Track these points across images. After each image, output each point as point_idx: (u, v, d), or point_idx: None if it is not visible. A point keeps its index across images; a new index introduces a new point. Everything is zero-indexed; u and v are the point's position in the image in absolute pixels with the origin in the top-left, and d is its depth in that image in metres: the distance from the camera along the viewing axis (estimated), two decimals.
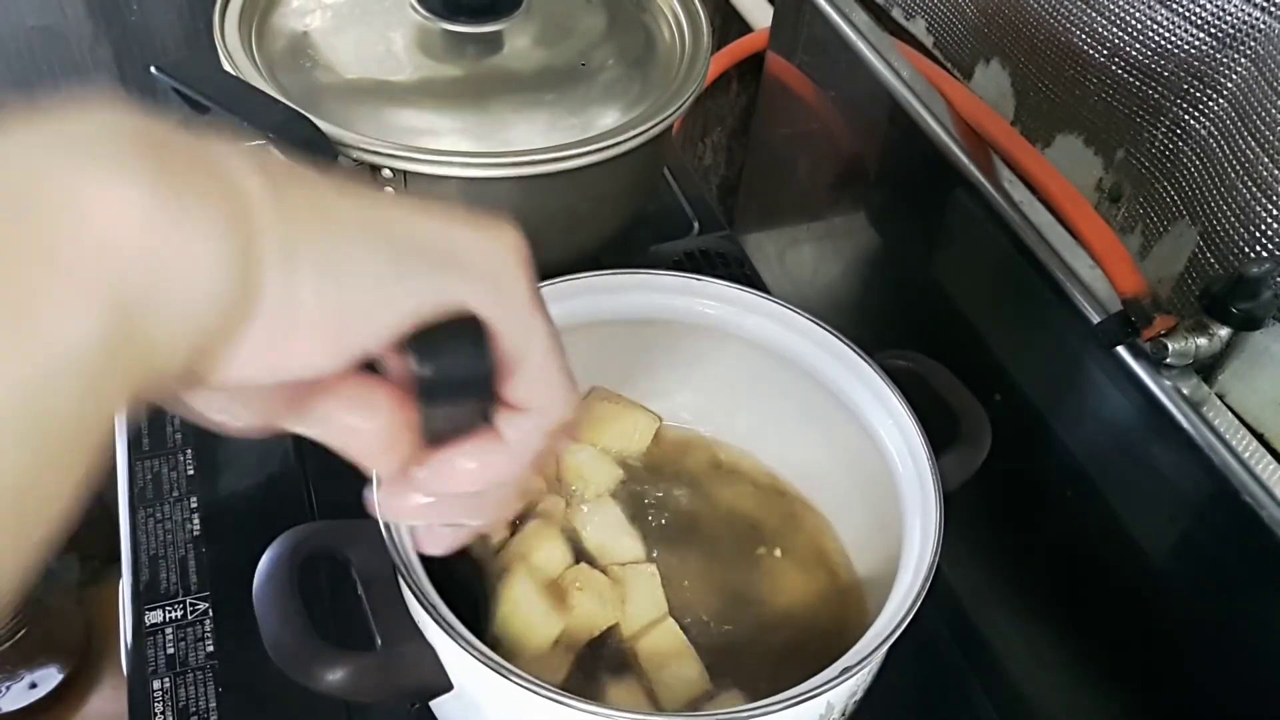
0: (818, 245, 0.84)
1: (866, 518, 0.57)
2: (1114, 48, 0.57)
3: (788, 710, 0.41)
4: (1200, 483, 0.50)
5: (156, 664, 0.57)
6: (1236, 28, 0.50)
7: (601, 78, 0.69)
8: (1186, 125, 0.54)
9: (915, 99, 0.66)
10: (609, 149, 0.62)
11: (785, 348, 0.58)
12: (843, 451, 0.57)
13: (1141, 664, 0.56)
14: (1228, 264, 0.51)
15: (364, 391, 0.31)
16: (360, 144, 0.59)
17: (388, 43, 0.68)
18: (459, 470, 0.32)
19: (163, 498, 0.64)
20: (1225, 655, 0.51)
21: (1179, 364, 0.50)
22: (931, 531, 0.48)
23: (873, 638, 0.45)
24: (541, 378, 0.31)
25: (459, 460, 0.32)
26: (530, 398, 0.32)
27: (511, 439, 0.32)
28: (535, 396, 0.32)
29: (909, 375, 0.56)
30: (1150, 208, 0.57)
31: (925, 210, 0.69)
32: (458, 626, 0.42)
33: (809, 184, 0.84)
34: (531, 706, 0.42)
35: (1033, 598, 0.64)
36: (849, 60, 0.72)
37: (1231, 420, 0.50)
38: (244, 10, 0.67)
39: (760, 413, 0.63)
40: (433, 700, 0.48)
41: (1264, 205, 0.48)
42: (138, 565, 0.61)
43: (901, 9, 0.76)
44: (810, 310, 0.57)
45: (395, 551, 0.44)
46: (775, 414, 0.62)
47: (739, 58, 0.93)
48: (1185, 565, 0.52)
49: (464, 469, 0.32)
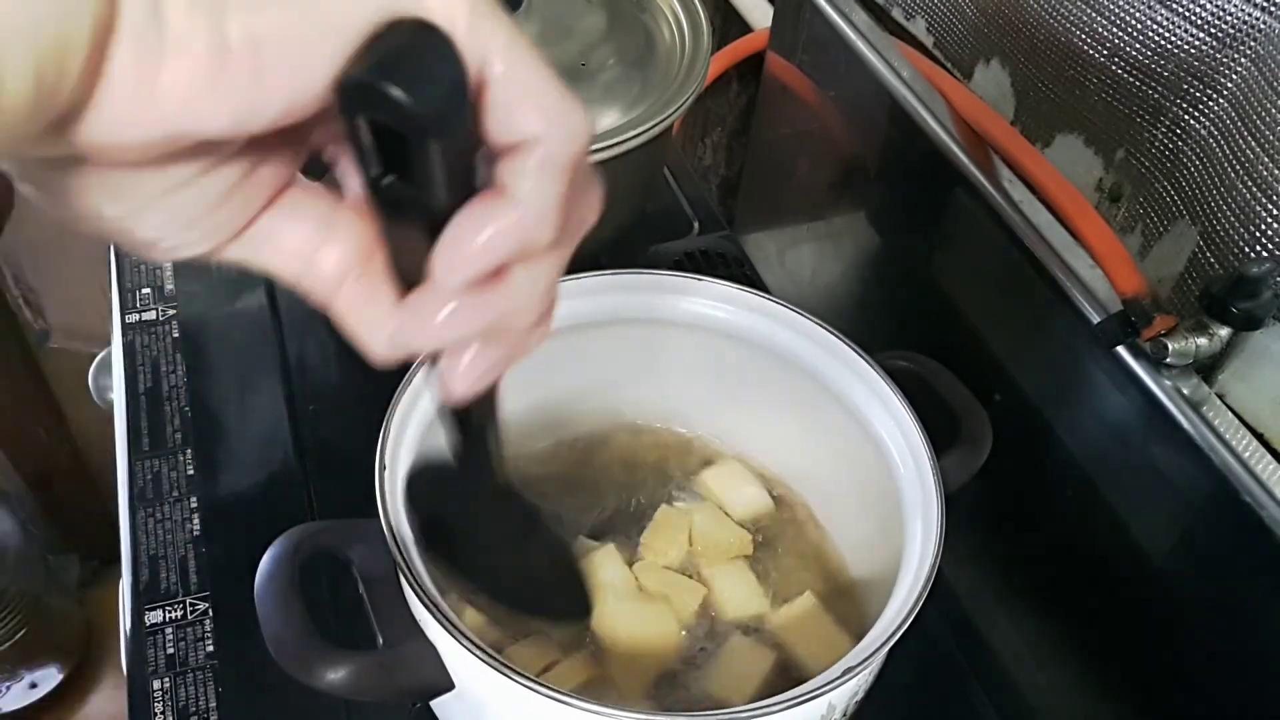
0: (818, 245, 0.84)
1: (867, 518, 0.57)
2: (1114, 48, 0.57)
3: (789, 710, 0.42)
4: (1200, 483, 0.50)
5: (156, 664, 0.57)
6: (1236, 28, 0.50)
7: (601, 78, 0.69)
8: (1186, 125, 0.54)
9: (915, 99, 0.66)
10: (609, 149, 0.62)
11: (785, 348, 0.58)
12: (843, 452, 0.57)
13: (1142, 664, 0.56)
14: (1228, 264, 0.51)
15: (314, 200, 0.27)
16: None
17: None
18: (469, 247, 0.25)
19: (163, 498, 0.64)
20: (1225, 655, 0.51)
21: (1179, 364, 0.50)
22: (932, 532, 0.48)
23: (874, 638, 0.45)
24: (530, 91, 0.24)
25: (464, 231, 0.25)
26: (523, 121, 0.24)
27: (520, 189, 0.25)
28: (528, 118, 0.24)
29: (909, 375, 0.56)
30: (1150, 208, 0.57)
31: (925, 210, 0.69)
32: (460, 625, 0.42)
33: (809, 184, 0.84)
34: (533, 706, 0.42)
35: (1033, 598, 0.64)
36: (849, 60, 0.72)
37: (1231, 420, 0.50)
38: None
39: (760, 413, 0.63)
40: (434, 700, 0.48)
41: (1264, 205, 0.48)
42: (138, 565, 0.61)
43: (901, 9, 0.76)
44: (810, 310, 0.57)
45: (396, 550, 0.44)
46: (775, 414, 0.62)
47: (739, 58, 0.93)
48: (1185, 565, 0.52)
49: (474, 243, 0.25)
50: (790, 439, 0.62)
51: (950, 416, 0.55)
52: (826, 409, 0.57)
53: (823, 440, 0.59)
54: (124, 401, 0.70)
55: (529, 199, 0.25)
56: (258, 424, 0.69)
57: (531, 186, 0.25)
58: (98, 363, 0.84)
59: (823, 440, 0.59)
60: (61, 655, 1.40)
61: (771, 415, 0.62)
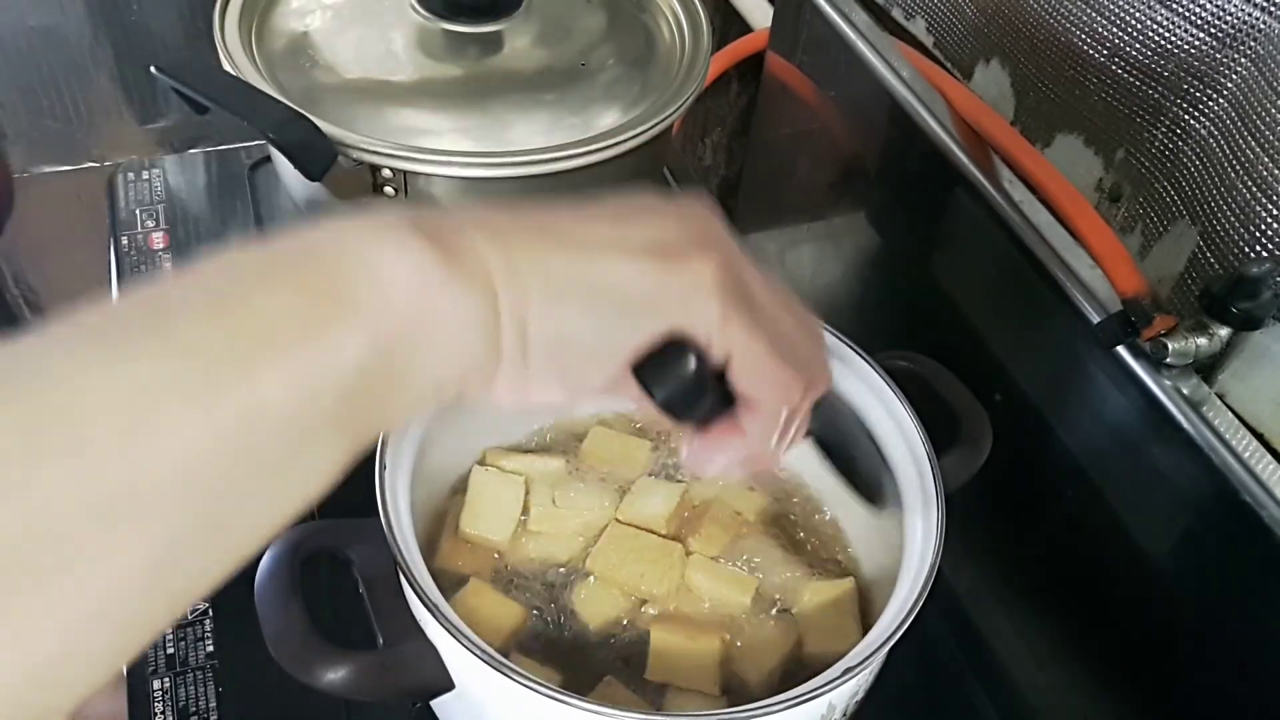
0: (818, 245, 0.84)
1: (867, 518, 0.57)
2: (1114, 48, 0.57)
3: (789, 710, 0.42)
4: (1200, 483, 0.50)
5: (156, 664, 0.57)
6: (1236, 28, 0.50)
7: (601, 78, 0.69)
8: (1186, 125, 0.54)
9: (915, 99, 0.66)
10: (609, 149, 0.62)
11: None
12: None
13: (1142, 664, 0.56)
14: (1228, 264, 0.51)
15: None
16: (360, 144, 0.59)
17: (388, 43, 0.68)
18: (712, 459, 0.39)
19: None
20: (1225, 655, 0.51)
21: (1179, 364, 0.50)
22: (933, 532, 0.48)
23: (874, 638, 0.45)
24: (751, 376, 0.35)
25: (708, 452, 0.39)
26: (748, 392, 0.36)
27: (748, 428, 0.37)
28: (751, 390, 0.36)
29: (909, 375, 0.56)
30: (1150, 208, 0.57)
31: (925, 210, 0.69)
32: (460, 625, 0.42)
33: (809, 184, 0.84)
34: (533, 705, 0.42)
35: (1033, 598, 0.64)
36: (849, 60, 0.72)
37: (1231, 420, 0.50)
38: (244, 10, 0.67)
39: None
40: (434, 699, 0.48)
41: (1264, 205, 0.48)
42: None
43: (901, 9, 0.76)
44: (810, 310, 0.57)
45: (397, 550, 0.44)
46: None
47: (739, 58, 0.93)
48: (1185, 565, 0.52)
49: (714, 459, 0.39)
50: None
51: (950, 416, 0.55)
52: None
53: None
54: None
55: (754, 436, 0.38)
56: None
57: (756, 431, 0.38)
58: None
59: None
60: None
61: None
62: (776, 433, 0.38)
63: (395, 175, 0.60)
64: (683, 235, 0.34)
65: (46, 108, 1.11)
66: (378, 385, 0.28)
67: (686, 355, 0.34)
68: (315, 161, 0.58)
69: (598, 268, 0.32)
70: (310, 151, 0.58)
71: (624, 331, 0.33)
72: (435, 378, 0.30)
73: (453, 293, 0.29)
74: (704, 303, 0.33)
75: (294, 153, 0.57)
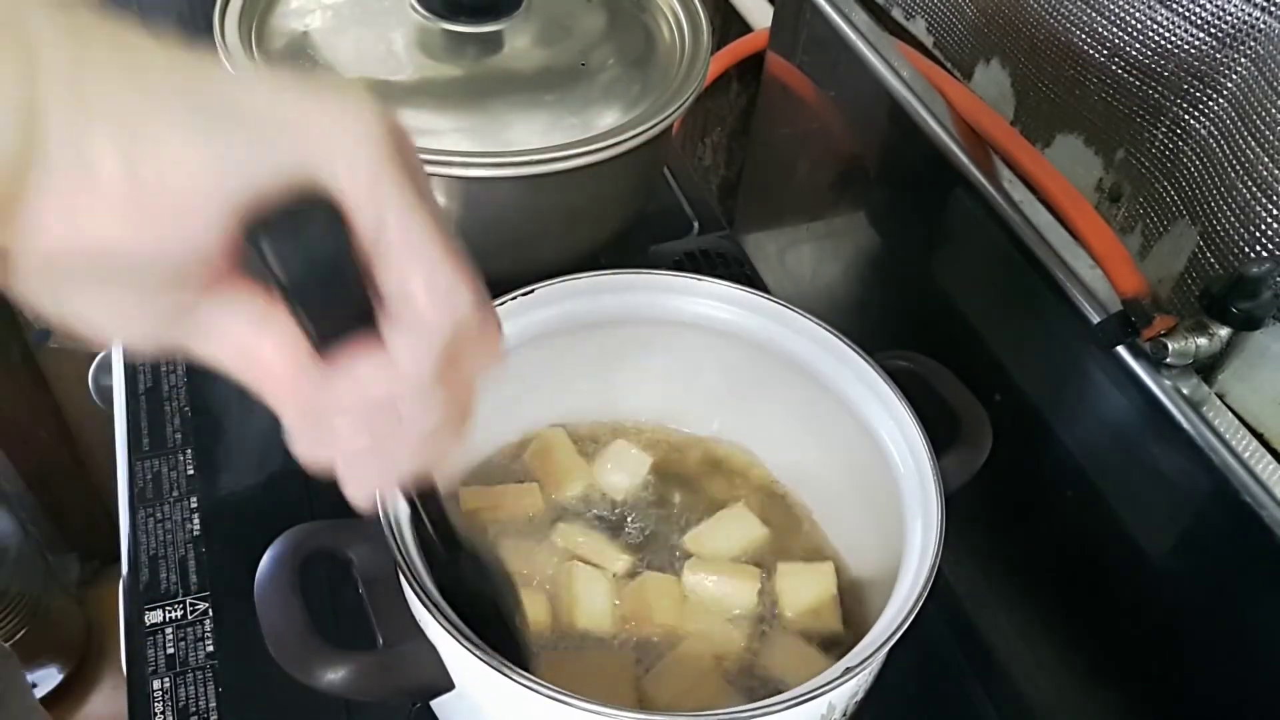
0: (818, 245, 0.84)
1: (867, 518, 0.57)
2: (1114, 48, 0.57)
3: (789, 710, 0.41)
4: (1200, 483, 0.50)
5: (156, 664, 0.57)
6: (1236, 28, 0.50)
7: (601, 78, 0.69)
8: (1186, 125, 0.54)
9: (915, 99, 0.66)
10: (609, 149, 0.62)
11: (785, 348, 0.58)
12: (843, 452, 0.57)
13: (1141, 664, 0.56)
14: (1228, 264, 0.51)
15: (252, 299, 0.27)
16: None
17: (388, 43, 0.68)
18: (347, 391, 0.28)
19: (163, 498, 0.64)
20: (1225, 655, 0.51)
21: (1179, 364, 0.50)
22: (933, 532, 0.48)
23: (874, 638, 0.44)
24: (409, 264, 0.26)
25: (343, 378, 0.28)
26: (402, 291, 0.27)
27: (397, 347, 0.27)
28: (407, 289, 0.27)
29: (909, 375, 0.56)
30: (1150, 208, 0.57)
31: (925, 210, 0.69)
32: (460, 625, 0.42)
33: (809, 184, 0.84)
34: (533, 706, 0.42)
35: (1033, 598, 0.64)
36: (849, 60, 0.72)
37: (1231, 420, 0.50)
38: (244, 10, 0.67)
39: (760, 413, 0.63)
40: (434, 700, 0.48)
41: (1264, 205, 0.48)
42: (137, 565, 0.61)
43: (901, 9, 0.76)
44: (810, 310, 0.57)
45: (397, 550, 0.44)
46: (775, 414, 0.62)
47: (739, 58, 0.93)
48: (1185, 565, 0.52)
49: (350, 389, 0.28)
50: (790, 438, 0.62)
51: (950, 416, 0.55)
52: (826, 408, 0.57)
53: (822, 440, 0.59)
54: (124, 401, 0.70)
55: (407, 361, 0.27)
56: (258, 424, 0.69)
57: (410, 348, 0.27)
58: (98, 363, 0.84)
59: (822, 440, 0.59)
60: (61, 655, 1.40)
61: (771, 415, 0.62)
62: (431, 362, 0.27)
63: None
64: (344, 86, 0.27)
65: None
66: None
67: (326, 217, 0.25)
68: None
69: (217, 79, 0.25)
70: None
71: (239, 161, 0.24)
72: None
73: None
74: (355, 145, 0.25)
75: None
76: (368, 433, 0.29)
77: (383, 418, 0.29)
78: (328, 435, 0.29)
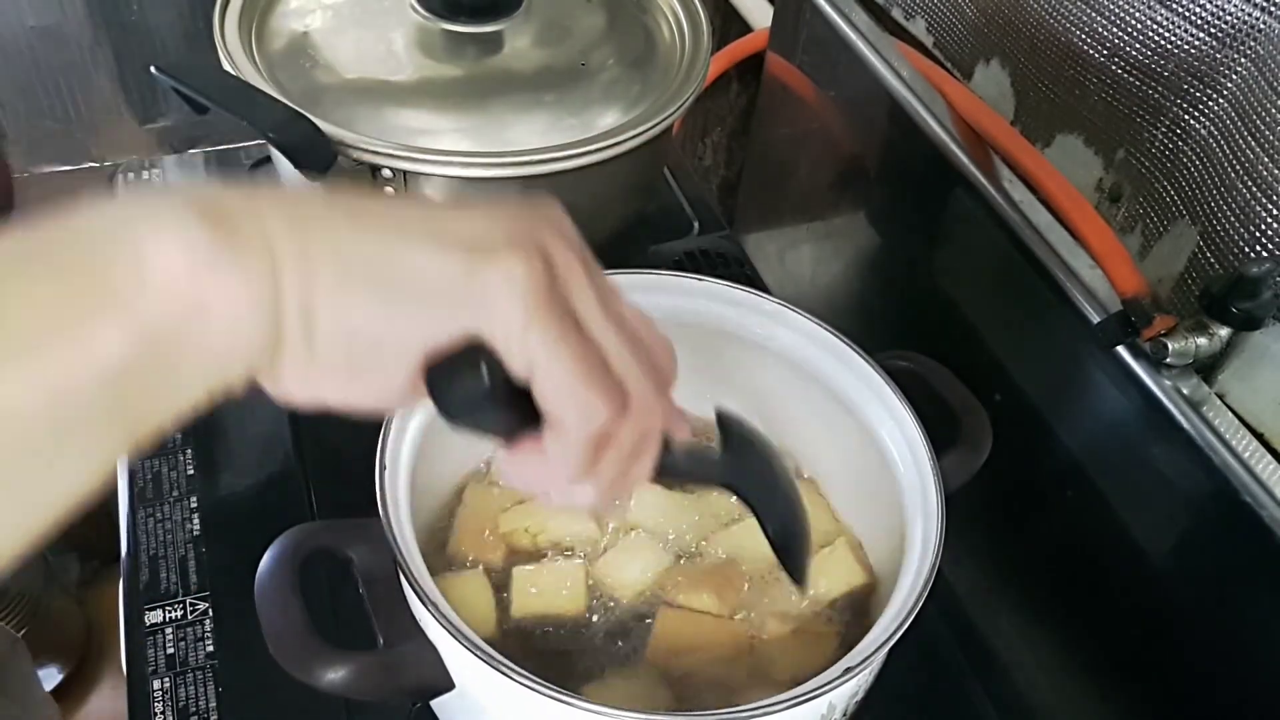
0: (818, 245, 0.84)
1: (867, 518, 0.57)
2: (1114, 48, 0.57)
3: (789, 710, 0.42)
4: (1200, 483, 0.50)
5: (156, 664, 0.57)
6: (1236, 28, 0.50)
7: (601, 78, 0.69)
8: (1186, 125, 0.54)
9: (915, 99, 0.66)
10: (609, 149, 0.62)
11: (785, 348, 0.58)
12: (843, 452, 0.57)
13: (1141, 663, 0.56)
14: (1228, 264, 0.51)
15: None
16: (360, 144, 0.59)
17: (388, 43, 0.68)
18: (518, 475, 0.37)
19: (163, 498, 0.64)
20: (1225, 654, 0.51)
21: (1179, 364, 0.50)
22: (933, 532, 0.48)
23: (874, 638, 0.45)
24: (548, 391, 0.32)
25: (513, 467, 0.36)
26: (546, 409, 0.33)
27: (550, 450, 0.34)
28: (548, 408, 0.33)
29: (909, 375, 0.56)
30: (1150, 208, 0.57)
31: (925, 210, 0.69)
32: (460, 625, 0.42)
33: (809, 184, 0.84)
34: (533, 705, 0.42)
35: (1033, 598, 0.64)
36: (849, 60, 0.72)
37: (1231, 420, 0.50)
38: (244, 10, 0.67)
39: (760, 413, 0.63)
40: (434, 700, 0.48)
41: (1264, 205, 0.48)
42: (138, 565, 0.61)
43: (901, 9, 0.76)
44: (810, 310, 0.57)
45: (397, 550, 0.44)
46: (775, 414, 0.62)
47: (739, 58, 0.93)
48: (1185, 565, 0.53)
49: (514, 476, 0.37)
50: (789, 439, 0.62)
51: (950, 416, 0.55)
52: (826, 409, 0.57)
53: (823, 440, 0.59)
54: None
55: (556, 458, 0.34)
56: (258, 424, 0.69)
57: (557, 454, 0.34)
58: None
59: (823, 440, 0.59)
60: (61, 655, 1.40)
61: (770, 415, 0.62)
62: (579, 459, 0.34)
63: (395, 175, 0.60)
64: (504, 232, 0.31)
65: (46, 108, 1.11)
66: (147, 377, 0.27)
67: (479, 363, 0.31)
68: (315, 161, 0.58)
69: (396, 253, 0.30)
70: (310, 152, 0.58)
71: (416, 328, 0.31)
72: (212, 366, 0.28)
73: (223, 277, 0.27)
74: (507, 305, 0.31)
75: (294, 153, 0.57)
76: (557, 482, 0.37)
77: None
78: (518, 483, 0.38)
